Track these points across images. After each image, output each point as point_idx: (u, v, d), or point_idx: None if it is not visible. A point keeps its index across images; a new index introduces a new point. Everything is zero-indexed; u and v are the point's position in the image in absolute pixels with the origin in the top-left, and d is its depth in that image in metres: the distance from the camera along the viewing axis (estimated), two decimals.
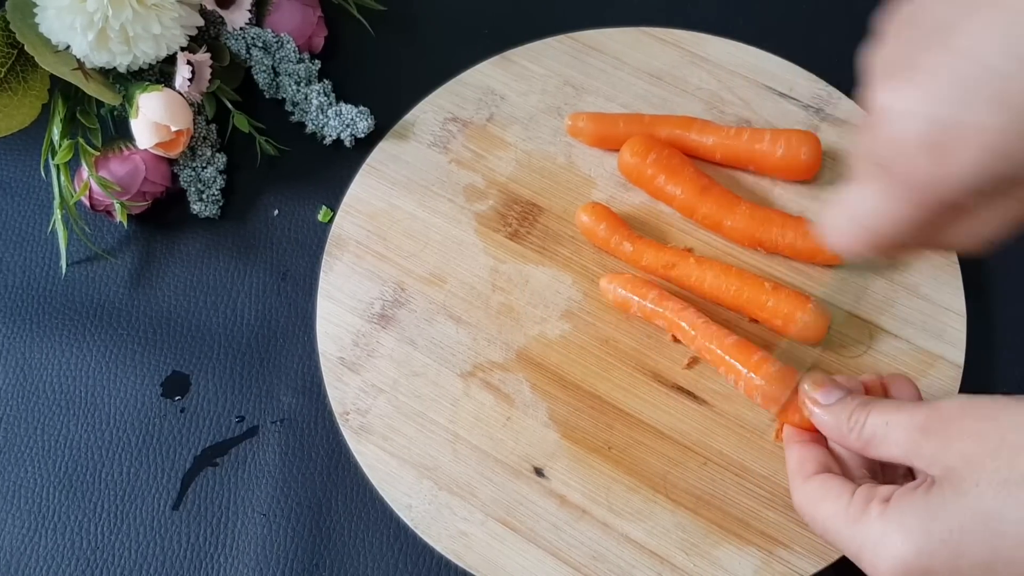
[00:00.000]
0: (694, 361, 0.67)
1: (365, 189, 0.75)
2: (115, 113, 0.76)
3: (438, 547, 0.63)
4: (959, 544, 0.46)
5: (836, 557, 0.61)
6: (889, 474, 0.57)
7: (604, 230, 0.70)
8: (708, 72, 0.77)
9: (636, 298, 0.67)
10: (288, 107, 0.77)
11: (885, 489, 0.52)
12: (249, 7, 0.76)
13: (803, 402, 0.58)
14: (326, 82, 0.77)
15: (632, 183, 0.73)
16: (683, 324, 0.66)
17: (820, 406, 0.56)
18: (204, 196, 0.75)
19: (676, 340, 0.68)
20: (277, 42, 0.76)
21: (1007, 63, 0.40)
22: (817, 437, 0.59)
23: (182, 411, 0.70)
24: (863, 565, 0.51)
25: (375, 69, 0.81)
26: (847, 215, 0.49)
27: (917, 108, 0.42)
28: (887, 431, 0.52)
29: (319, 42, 0.80)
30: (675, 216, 0.72)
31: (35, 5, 0.67)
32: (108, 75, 0.72)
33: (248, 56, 0.76)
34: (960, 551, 0.46)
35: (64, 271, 0.75)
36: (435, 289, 0.71)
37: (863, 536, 0.51)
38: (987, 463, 0.46)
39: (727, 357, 0.64)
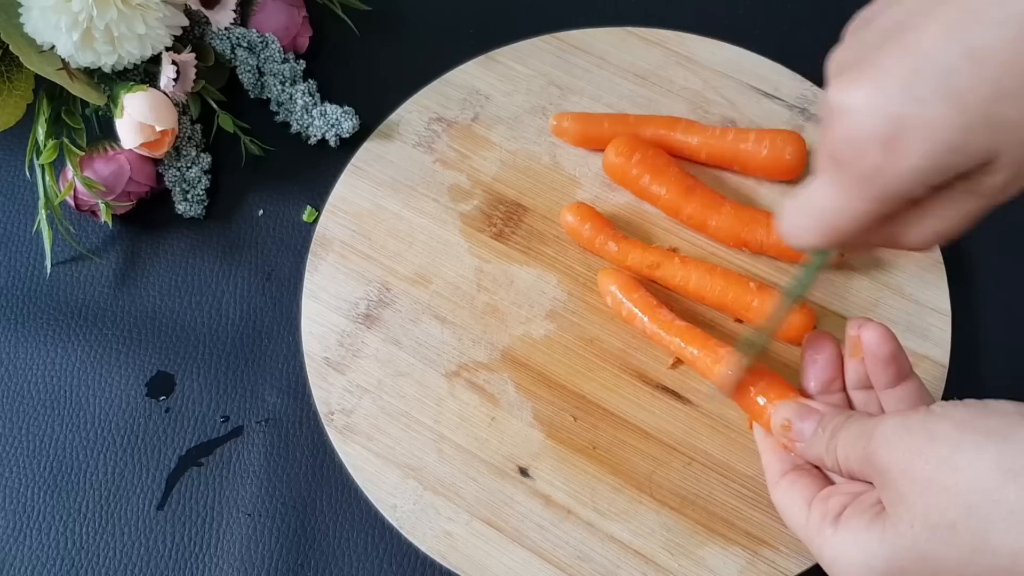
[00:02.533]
0: (679, 361, 0.67)
1: (350, 189, 0.75)
2: (100, 113, 0.75)
3: (423, 547, 0.63)
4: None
5: None
6: None
7: (589, 230, 0.70)
8: (693, 72, 0.77)
9: (633, 308, 0.68)
10: (273, 107, 0.77)
11: (836, 503, 0.52)
12: (234, 7, 0.76)
13: (777, 437, 0.57)
14: (311, 82, 0.77)
15: (617, 183, 0.73)
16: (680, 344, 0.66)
17: (797, 445, 0.56)
18: (189, 196, 0.75)
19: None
20: (262, 42, 0.76)
21: (958, 60, 0.41)
22: None
23: (167, 411, 0.70)
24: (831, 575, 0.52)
25: (360, 69, 0.81)
26: (804, 210, 0.50)
27: (870, 103, 0.44)
28: (848, 461, 0.52)
29: (304, 42, 0.80)
30: (660, 216, 0.73)
31: (20, 5, 0.67)
32: (93, 75, 0.72)
33: (233, 56, 0.76)
34: None
35: (49, 271, 0.74)
36: (420, 289, 0.71)
37: (821, 552, 0.52)
38: (917, 504, 0.46)
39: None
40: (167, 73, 0.71)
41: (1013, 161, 0.44)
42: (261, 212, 0.76)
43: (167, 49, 0.72)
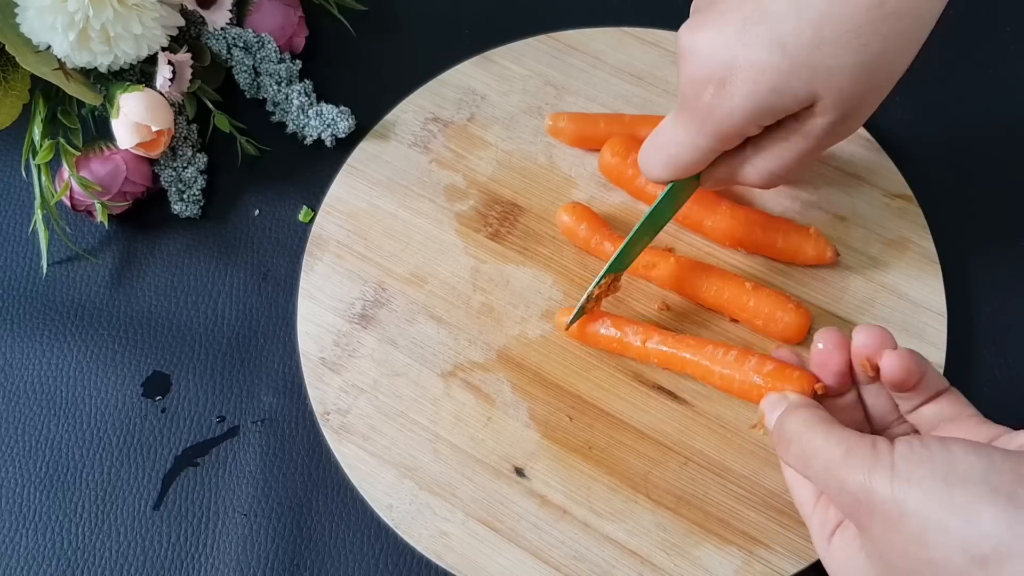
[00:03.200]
0: None
1: (346, 189, 0.75)
2: (96, 113, 0.75)
3: (419, 547, 0.63)
4: None
5: (817, 557, 0.61)
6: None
7: (585, 230, 0.70)
8: None
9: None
10: (269, 107, 0.77)
11: (835, 514, 0.53)
12: (230, 7, 0.76)
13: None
14: (307, 82, 0.77)
15: (613, 183, 0.73)
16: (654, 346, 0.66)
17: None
18: (185, 196, 0.75)
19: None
20: (258, 42, 0.76)
21: (785, 8, 0.45)
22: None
23: (163, 411, 0.70)
24: None
25: (356, 69, 0.81)
26: (655, 146, 0.56)
27: (709, 46, 0.48)
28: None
29: (300, 42, 0.80)
30: None
31: (16, 5, 0.67)
32: (89, 75, 0.72)
33: (229, 56, 0.76)
34: None
35: (45, 271, 0.74)
36: (416, 289, 0.71)
37: (823, 558, 0.54)
38: (892, 569, 0.47)
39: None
40: (163, 73, 0.71)
41: (834, 105, 0.47)
42: (257, 212, 0.76)
43: (163, 49, 0.72)
